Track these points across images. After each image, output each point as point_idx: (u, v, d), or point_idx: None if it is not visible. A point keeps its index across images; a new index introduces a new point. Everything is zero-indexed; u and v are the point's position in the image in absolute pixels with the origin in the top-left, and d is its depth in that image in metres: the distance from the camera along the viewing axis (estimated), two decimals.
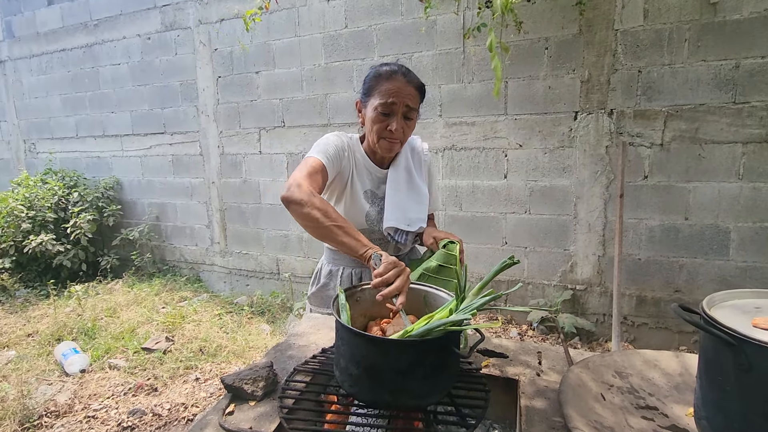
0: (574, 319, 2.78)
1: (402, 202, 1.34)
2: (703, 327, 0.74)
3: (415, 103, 1.25)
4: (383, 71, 1.24)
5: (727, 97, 2.42)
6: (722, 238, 2.51)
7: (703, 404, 0.79)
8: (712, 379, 0.76)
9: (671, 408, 0.87)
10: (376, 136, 1.25)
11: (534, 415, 0.86)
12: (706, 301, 0.81)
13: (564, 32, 2.69)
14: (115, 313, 3.42)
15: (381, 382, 0.80)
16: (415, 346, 0.80)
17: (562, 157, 2.79)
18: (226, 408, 0.89)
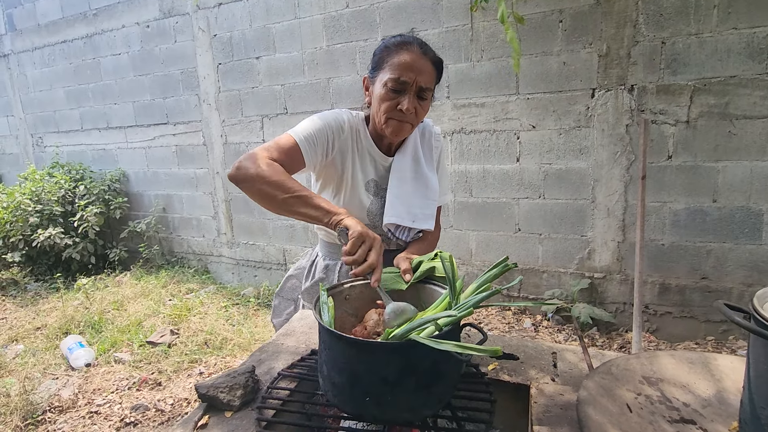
0: (591, 309, 2.64)
1: (406, 196, 1.17)
2: (756, 330, 0.61)
3: (431, 82, 1.07)
4: (396, 41, 1.07)
5: (761, 68, 2.21)
6: (754, 221, 2.33)
7: (751, 418, 0.66)
8: (762, 390, 0.63)
9: (711, 421, 0.75)
10: (383, 116, 1.08)
11: (545, 425, 0.75)
12: (759, 296, 0.67)
13: (579, 3, 2.49)
14: (122, 306, 3.40)
15: (366, 392, 0.69)
16: (404, 349, 0.69)
17: (578, 137, 2.62)
18: (199, 420, 0.79)
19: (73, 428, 2.13)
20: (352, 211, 1.15)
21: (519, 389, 0.89)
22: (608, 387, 0.81)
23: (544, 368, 0.93)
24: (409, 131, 1.13)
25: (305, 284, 1.38)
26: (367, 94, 1.16)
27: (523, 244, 2.88)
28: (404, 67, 1.03)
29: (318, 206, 0.94)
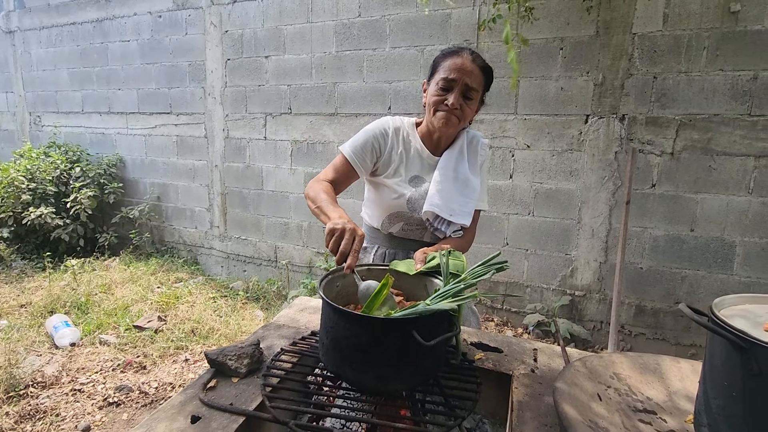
0: (570, 325, 2.74)
1: (447, 191, 1.27)
2: (713, 329, 0.70)
3: (478, 84, 1.21)
4: (450, 49, 1.25)
5: (742, 108, 2.37)
6: (727, 252, 2.47)
7: (705, 410, 0.75)
8: (717, 384, 0.72)
9: (670, 413, 0.84)
10: (432, 109, 1.24)
11: (526, 410, 0.83)
12: (716, 303, 0.77)
13: (580, 33, 2.64)
14: (110, 289, 3.40)
15: (343, 355, 0.77)
16: (375, 323, 0.77)
17: (569, 160, 2.75)
18: (208, 383, 0.85)
19: (56, 403, 2.14)
20: (394, 200, 1.30)
21: (502, 378, 0.97)
22: (582, 379, 0.89)
23: (526, 362, 1.01)
24: (455, 126, 1.25)
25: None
26: (424, 96, 1.31)
27: (510, 258, 2.98)
28: (453, 68, 1.19)
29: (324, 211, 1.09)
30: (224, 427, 0.73)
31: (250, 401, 0.81)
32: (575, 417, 0.75)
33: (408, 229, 1.34)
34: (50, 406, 2.12)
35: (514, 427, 0.77)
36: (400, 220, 1.32)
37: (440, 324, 0.80)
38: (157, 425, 0.74)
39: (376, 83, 3.22)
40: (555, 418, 0.80)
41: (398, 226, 1.34)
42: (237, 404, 0.79)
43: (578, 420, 0.75)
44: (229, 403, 0.79)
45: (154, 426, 0.73)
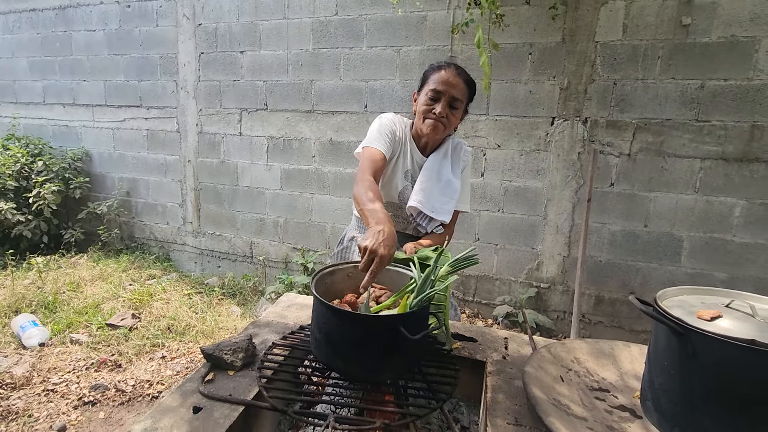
0: (535, 315, 2.92)
1: (430, 190, 1.41)
2: (656, 317, 0.82)
3: (462, 95, 1.36)
4: (439, 64, 1.39)
5: (691, 114, 2.58)
6: (675, 246, 2.69)
7: (649, 387, 0.87)
8: (659, 364, 0.84)
9: (621, 391, 0.96)
10: (422, 117, 1.38)
11: (499, 392, 0.93)
12: (659, 295, 0.90)
13: (548, 39, 2.78)
14: (79, 287, 3.31)
15: (336, 348, 0.85)
16: (366, 320, 0.85)
17: (537, 159, 2.90)
18: (206, 376, 0.91)
19: (28, 404, 2.10)
20: (388, 189, 1.45)
21: (476, 365, 1.07)
22: (547, 364, 1.00)
23: (498, 349, 1.12)
24: (442, 132, 1.40)
25: (335, 250, 1.62)
26: (414, 104, 1.46)
27: (480, 252, 3.12)
28: (440, 81, 1.34)
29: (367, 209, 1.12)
30: (226, 416, 0.79)
31: (247, 392, 0.87)
32: (541, 396, 0.86)
33: (396, 221, 1.47)
34: (22, 407, 2.08)
35: (489, 407, 0.87)
36: (390, 210, 1.46)
37: (424, 319, 0.89)
38: (162, 417, 0.79)
39: (353, 82, 3.26)
40: (524, 399, 0.90)
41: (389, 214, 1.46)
42: (235, 395, 0.85)
43: (544, 399, 0.85)
44: (228, 394, 0.85)
45: (159, 418, 0.78)
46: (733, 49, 2.45)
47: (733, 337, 0.71)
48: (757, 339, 0.70)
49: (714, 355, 0.73)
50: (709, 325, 0.77)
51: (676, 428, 0.79)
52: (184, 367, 2.47)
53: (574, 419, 0.81)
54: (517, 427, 0.81)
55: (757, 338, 0.70)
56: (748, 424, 0.72)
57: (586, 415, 0.84)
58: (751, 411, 0.71)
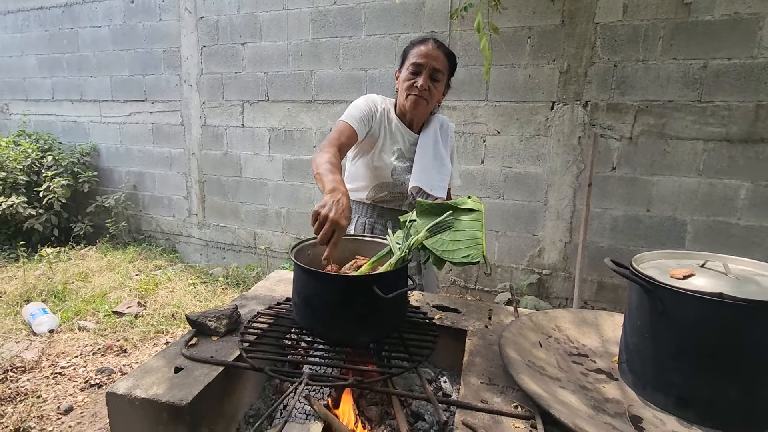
0: (537, 302, 2.90)
1: (428, 168, 1.44)
2: (628, 276, 0.82)
3: (443, 67, 1.37)
4: (417, 39, 1.41)
5: (693, 95, 2.53)
6: (679, 230, 2.65)
7: (624, 349, 0.88)
8: (633, 325, 0.85)
9: (600, 356, 0.96)
10: (404, 94, 1.39)
11: (476, 356, 0.94)
12: (636, 258, 0.90)
13: (546, 22, 2.75)
14: (87, 277, 3.39)
15: (314, 311, 0.87)
16: (342, 280, 0.87)
17: (537, 145, 2.88)
18: (189, 341, 0.93)
19: (37, 386, 2.17)
20: (378, 169, 1.44)
21: (459, 334, 1.08)
22: (526, 330, 1.01)
23: (481, 319, 1.13)
24: (425, 107, 1.42)
25: None
26: (397, 82, 1.47)
27: None
28: (421, 54, 1.35)
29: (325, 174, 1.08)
30: (206, 374, 0.82)
31: (229, 355, 0.89)
32: (516, 358, 0.87)
33: (391, 198, 1.50)
34: (31, 389, 2.15)
35: (464, 368, 0.88)
36: (385, 189, 1.49)
37: (399, 281, 0.90)
38: (144, 376, 0.81)
39: (353, 71, 3.27)
40: (500, 363, 0.91)
41: (383, 194, 1.50)
42: (217, 357, 0.88)
43: (518, 360, 0.86)
44: (210, 356, 0.88)
45: (142, 376, 0.81)
46: (736, 26, 2.40)
47: (699, 291, 0.71)
48: (726, 293, 0.70)
49: (682, 310, 0.73)
50: (679, 282, 0.77)
51: (649, 387, 0.79)
52: None
53: (547, 378, 0.82)
54: (489, 385, 0.82)
55: (725, 292, 0.70)
56: (715, 379, 0.72)
57: (560, 376, 0.85)
58: (718, 366, 0.71)
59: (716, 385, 0.71)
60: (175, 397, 0.75)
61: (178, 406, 0.73)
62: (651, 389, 0.78)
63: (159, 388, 0.77)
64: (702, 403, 0.73)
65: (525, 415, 0.73)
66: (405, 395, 0.87)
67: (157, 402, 0.74)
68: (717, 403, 0.72)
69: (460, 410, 0.74)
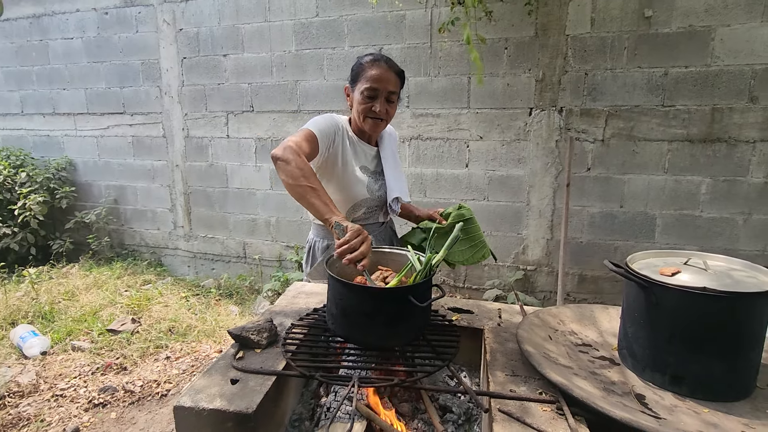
0: (523, 296, 3.08)
1: (398, 176, 1.54)
2: (626, 275, 0.96)
3: (396, 88, 1.42)
4: (368, 60, 1.40)
5: (657, 100, 2.76)
6: (649, 224, 2.88)
7: (623, 337, 1.01)
8: (630, 316, 0.99)
9: (601, 345, 1.10)
10: (362, 116, 1.41)
11: (497, 353, 1.06)
12: (629, 258, 1.04)
13: (522, 34, 2.92)
14: (74, 296, 3.33)
15: (350, 320, 0.97)
16: (378, 293, 0.97)
17: (517, 149, 3.06)
18: (236, 354, 1.01)
19: (39, 410, 2.14)
20: (355, 188, 1.47)
21: (475, 333, 1.19)
22: (536, 327, 1.14)
23: (493, 319, 1.25)
24: (383, 126, 1.49)
25: (307, 267, 1.63)
26: (348, 99, 1.49)
27: None
28: (375, 79, 1.37)
29: (324, 202, 1.14)
30: (261, 384, 0.90)
31: (276, 364, 0.97)
32: (534, 352, 0.99)
33: (368, 214, 1.53)
34: (33, 413, 2.13)
35: (488, 364, 1.00)
36: (363, 206, 1.50)
37: (428, 290, 1.01)
38: (202, 389, 0.89)
39: (337, 81, 3.35)
40: (518, 357, 1.03)
41: (361, 212, 1.51)
42: (265, 367, 0.96)
43: (536, 353, 0.98)
44: (259, 367, 0.96)
45: (201, 389, 0.88)
46: (691, 38, 2.64)
47: (688, 286, 0.85)
48: (708, 286, 0.84)
49: (673, 302, 0.87)
50: (669, 279, 0.91)
51: (647, 369, 0.93)
52: (189, 366, 2.54)
53: (563, 368, 0.94)
54: (513, 377, 0.94)
55: (708, 286, 0.84)
56: (703, 359, 0.86)
57: (572, 365, 0.98)
58: (704, 347, 0.86)
59: (704, 363, 0.86)
60: (240, 406, 0.83)
61: (245, 414, 0.81)
62: (650, 370, 0.92)
63: (222, 400, 0.85)
64: (693, 379, 0.87)
65: (550, 399, 0.85)
66: (443, 390, 0.98)
67: (224, 412, 0.82)
68: (705, 378, 0.86)
69: (494, 399, 0.85)
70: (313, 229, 1.63)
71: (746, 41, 2.56)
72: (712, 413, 0.82)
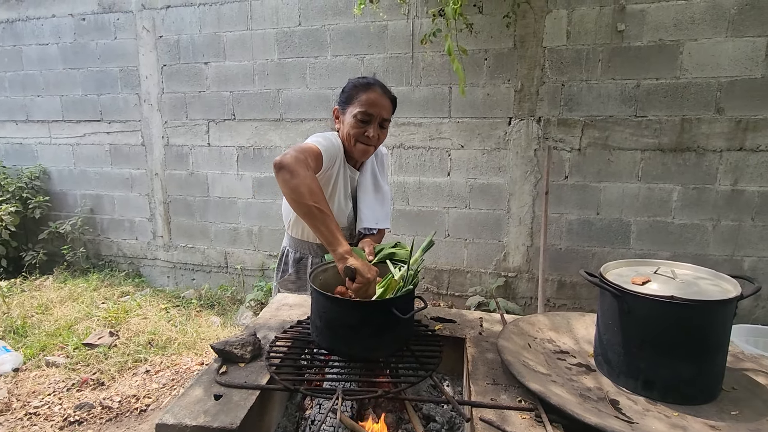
0: (505, 302, 3.13)
1: (372, 205, 1.49)
2: (600, 285, 1.00)
3: (389, 114, 1.40)
4: (362, 83, 1.38)
5: (630, 111, 2.87)
6: (624, 230, 2.98)
7: (599, 344, 1.05)
8: (605, 324, 1.02)
9: (578, 352, 1.14)
10: (353, 140, 1.37)
11: (478, 362, 1.08)
12: (603, 268, 1.08)
13: (501, 45, 3.00)
14: (48, 309, 3.23)
15: (336, 333, 0.98)
16: (362, 306, 0.99)
17: (498, 157, 3.12)
18: (219, 369, 1.00)
19: (11, 429, 2.07)
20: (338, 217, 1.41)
21: (457, 342, 1.22)
22: (515, 336, 1.16)
23: (474, 328, 1.27)
24: (372, 153, 1.46)
25: (279, 276, 1.61)
26: (337, 122, 1.45)
27: (451, 248, 3.31)
28: (370, 104, 1.35)
29: (331, 231, 1.10)
30: (245, 398, 0.90)
31: (260, 378, 0.97)
32: (513, 360, 1.02)
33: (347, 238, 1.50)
34: None
35: (470, 373, 1.02)
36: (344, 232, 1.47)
37: (410, 302, 1.03)
38: (185, 405, 0.88)
39: (320, 89, 3.37)
40: (499, 365, 1.06)
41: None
42: (249, 382, 0.96)
43: (516, 362, 1.01)
44: (243, 382, 0.95)
45: (184, 406, 0.88)
46: (661, 51, 2.76)
47: (657, 295, 0.89)
48: (676, 295, 0.88)
49: (644, 310, 0.91)
50: (640, 288, 0.95)
51: (621, 375, 0.97)
52: (169, 380, 2.49)
53: (541, 375, 0.97)
54: (494, 385, 0.97)
55: (675, 294, 0.89)
56: (672, 363, 0.90)
57: (550, 372, 1.01)
58: (674, 353, 0.90)
59: (673, 368, 0.90)
60: (224, 422, 0.82)
61: (230, 429, 0.81)
62: (623, 376, 0.96)
63: (206, 416, 0.84)
64: (663, 383, 0.91)
65: (529, 407, 0.87)
66: (426, 400, 0.99)
67: (208, 428, 0.81)
68: (674, 382, 0.90)
69: (475, 408, 0.87)
70: (288, 238, 1.61)
71: (712, 55, 2.69)
72: (680, 416, 0.86)
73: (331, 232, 1.10)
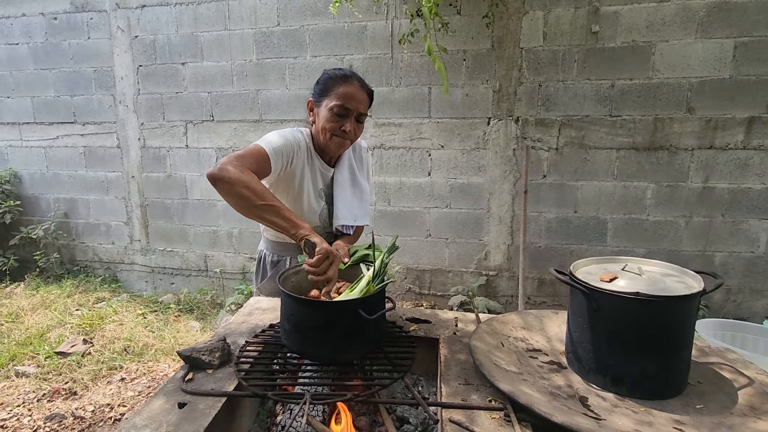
0: (486, 301, 3.15)
1: (348, 202, 1.45)
2: (569, 282, 1.00)
3: (366, 108, 1.35)
4: (339, 74, 1.32)
5: (605, 110, 2.92)
6: (601, 228, 3.03)
7: (570, 342, 1.06)
8: (575, 321, 1.03)
9: (550, 350, 1.14)
10: (329, 134, 1.32)
11: (451, 362, 1.08)
12: (573, 266, 1.09)
13: (479, 46, 3.02)
14: (18, 317, 3.12)
15: (304, 335, 0.96)
16: (330, 306, 0.97)
17: (477, 157, 3.14)
18: (185, 376, 0.98)
19: None
20: (308, 216, 1.39)
21: (431, 342, 1.21)
22: (487, 336, 1.17)
23: (449, 328, 1.27)
24: (348, 146, 1.42)
25: (258, 280, 1.58)
26: (311, 114, 1.39)
27: (432, 247, 3.32)
28: (347, 97, 1.30)
29: (287, 218, 1.10)
30: (210, 406, 0.87)
31: (228, 385, 0.95)
32: (485, 360, 1.02)
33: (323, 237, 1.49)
34: None
35: (443, 374, 1.02)
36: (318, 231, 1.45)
37: (380, 302, 1.02)
38: (148, 415, 0.85)
39: (300, 90, 3.34)
40: (472, 366, 1.05)
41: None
42: (217, 388, 0.93)
43: (487, 361, 1.01)
44: (210, 389, 0.93)
45: (147, 416, 0.85)
46: (634, 52, 2.81)
47: (623, 291, 0.90)
48: (641, 291, 0.89)
49: (611, 307, 0.92)
50: (608, 285, 0.96)
51: (591, 372, 0.98)
52: (145, 387, 2.43)
53: (512, 374, 0.97)
54: (466, 385, 0.96)
55: (641, 291, 0.90)
56: (639, 359, 0.91)
57: (521, 371, 1.01)
58: (640, 348, 0.91)
59: (639, 363, 0.91)
60: (188, 431, 0.80)
61: None
62: (593, 373, 0.97)
63: (168, 426, 0.82)
64: (631, 379, 0.92)
65: (498, 407, 0.87)
66: (396, 402, 0.99)
67: None
68: (641, 378, 0.91)
69: (445, 409, 0.87)
70: (263, 241, 1.58)
71: (683, 56, 2.75)
72: (647, 411, 0.87)
73: (287, 219, 1.09)
